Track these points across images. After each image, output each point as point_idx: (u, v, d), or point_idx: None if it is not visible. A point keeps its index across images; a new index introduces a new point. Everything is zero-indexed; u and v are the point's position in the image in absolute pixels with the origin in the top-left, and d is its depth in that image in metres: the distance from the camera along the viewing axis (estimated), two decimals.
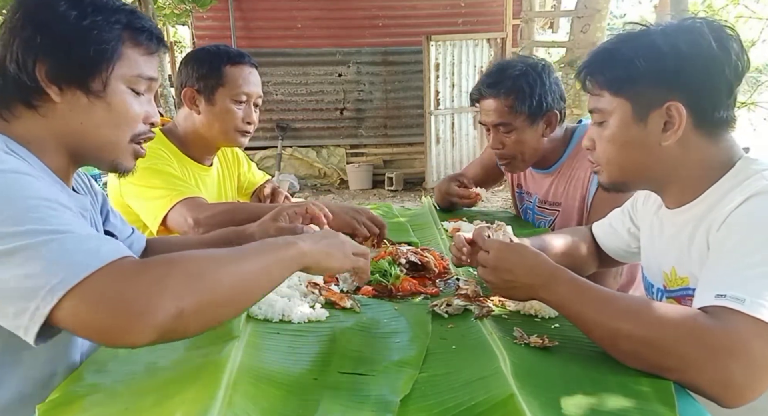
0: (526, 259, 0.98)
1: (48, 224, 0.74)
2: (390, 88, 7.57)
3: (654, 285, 1.15)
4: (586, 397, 0.77)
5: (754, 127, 6.39)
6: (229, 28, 7.07)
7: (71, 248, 0.73)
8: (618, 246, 1.33)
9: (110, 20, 0.91)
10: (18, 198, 0.75)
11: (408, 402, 0.76)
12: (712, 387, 0.77)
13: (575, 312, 0.90)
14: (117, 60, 0.93)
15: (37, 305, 0.70)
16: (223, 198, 1.86)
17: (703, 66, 0.94)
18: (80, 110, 0.92)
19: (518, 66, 1.65)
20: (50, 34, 0.88)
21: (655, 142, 0.99)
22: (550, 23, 8.93)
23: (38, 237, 0.72)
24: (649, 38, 0.97)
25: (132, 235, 1.24)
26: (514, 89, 1.62)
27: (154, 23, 1.00)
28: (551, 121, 1.67)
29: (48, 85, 0.89)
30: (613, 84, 1.01)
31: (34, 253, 0.71)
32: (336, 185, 7.74)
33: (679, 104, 0.95)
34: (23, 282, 0.71)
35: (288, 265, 0.89)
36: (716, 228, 0.92)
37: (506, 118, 1.64)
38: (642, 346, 0.82)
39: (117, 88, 0.94)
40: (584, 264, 1.37)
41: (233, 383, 0.76)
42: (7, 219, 0.73)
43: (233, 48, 1.70)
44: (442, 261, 1.35)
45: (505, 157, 1.72)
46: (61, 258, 0.72)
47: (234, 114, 1.64)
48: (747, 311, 0.78)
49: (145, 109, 0.99)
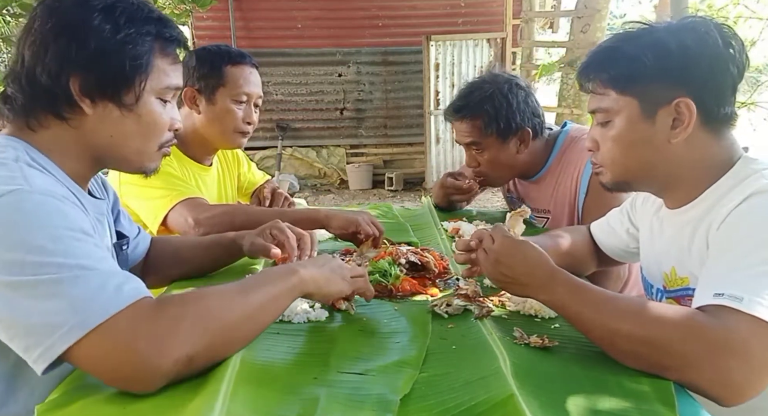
0: (528, 260, 0.97)
1: (74, 257, 0.74)
2: (390, 88, 7.57)
3: (653, 285, 1.15)
4: (586, 397, 0.77)
5: (753, 127, 6.38)
6: (229, 28, 7.06)
7: (95, 287, 0.74)
8: (616, 245, 1.33)
9: (142, 32, 0.91)
10: (45, 225, 0.75)
11: (408, 402, 0.76)
12: (712, 386, 0.77)
13: (574, 313, 0.90)
14: (150, 73, 0.93)
15: (53, 342, 0.71)
16: (223, 198, 1.86)
17: (709, 62, 0.94)
18: (111, 122, 0.92)
19: (485, 87, 1.66)
20: (85, 47, 0.87)
21: (663, 140, 0.98)
22: (550, 23, 8.92)
23: (63, 273, 0.73)
24: (655, 36, 0.97)
25: (139, 235, 1.24)
26: (479, 113, 1.64)
27: (180, 31, 1.00)
28: (524, 138, 1.67)
29: (81, 99, 0.89)
30: (619, 82, 1.00)
31: (58, 289, 0.72)
32: (336, 185, 7.74)
33: (689, 100, 0.94)
34: (43, 317, 0.71)
35: (291, 294, 0.93)
36: (716, 228, 0.92)
37: (476, 138, 1.68)
38: (641, 346, 0.82)
39: (149, 100, 0.94)
40: (584, 263, 1.37)
41: (233, 383, 0.76)
42: (35, 248, 0.73)
43: (234, 48, 1.71)
44: (442, 261, 1.35)
45: (481, 174, 1.76)
46: (84, 298, 0.72)
47: (234, 114, 1.64)
48: (745, 309, 0.78)
49: (170, 116, 1.00)
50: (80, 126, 0.91)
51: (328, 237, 1.62)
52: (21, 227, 0.74)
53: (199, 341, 0.76)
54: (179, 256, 1.30)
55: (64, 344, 0.71)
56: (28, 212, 0.75)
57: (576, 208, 1.65)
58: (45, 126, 0.91)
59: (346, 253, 1.46)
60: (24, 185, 0.78)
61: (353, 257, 1.38)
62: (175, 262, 1.29)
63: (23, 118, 0.90)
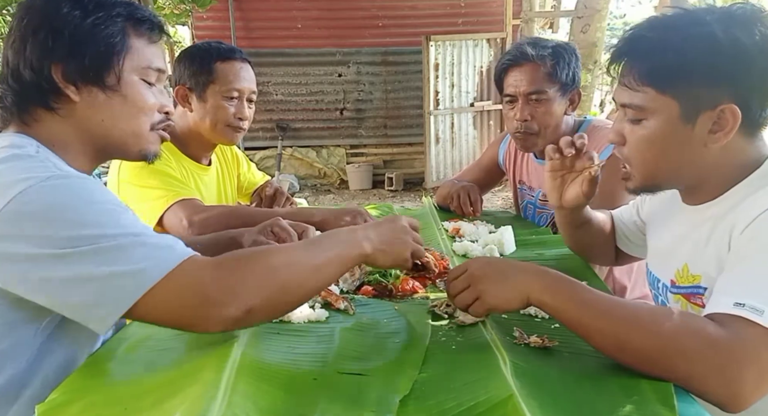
0: (493, 262, 0.97)
1: (124, 227, 0.80)
2: (390, 88, 7.57)
3: (660, 280, 1.12)
4: (586, 397, 0.77)
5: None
6: (229, 28, 7.06)
7: (152, 246, 0.80)
8: (629, 237, 1.31)
9: (111, 14, 0.94)
10: (92, 201, 0.81)
11: (407, 402, 0.76)
12: (721, 396, 0.76)
13: (577, 319, 0.86)
14: (126, 52, 0.96)
15: (123, 296, 0.76)
16: (222, 198, 1.86)
17: (760, 63, 0.86)
18: (99, 106, 0.95)
19: (552, 40, 1.73)
20: (60, 36, 0.90)
21: (699, 144, 0.92)
22: (550, 23, 8.93)
23: (120, 240, 0.78)
24: (707, 28, 0.87)
25: None
26: (555, 55, 1.66)
27: (153, 12, 1.03)
28: (574, 99, 1.71)
29: (66, 86, 0.92)
30: (661, 80, 0.91)
31: (119, 253, 0.77)
32: (336, 185, 7.74)
33: (735, 106, 0.87)
34: (109, 276, 0.76)
35: (355, 262, 0.95)
36: (740, 231, 0.87)
37: (542, 85, 1.66)
38: (652, 357, 0.79)
39: (130, 79, 0.97)
40: (608, 250, 1.36)
41: (233, 383, 0.76)
42: (89, 223, 0.78)
43: (224, 44, 1.69)
44: (442, 261, 1.35)
45: (530, 130, 1.71)
46: (146, 255, 0.78)
47: (225, 110, 1.64)
48: (764, 323, 0.76)
49: (158, 99, 1.02)
50: (71, 115, 0.94)
51: None
52: (70, 207, 0.79)
53: (259, 295, 0.81)
54: None
55: (135, 296, 0.76)
56: (73, 193, 0.80)
57: None
58: (38, 120, 0.93)
59: None
60: (58, 171, 0.83)
61: None
62: None
63: (17, 116, 0.93)
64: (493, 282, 0.92)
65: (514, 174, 2.00)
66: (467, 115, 7.15)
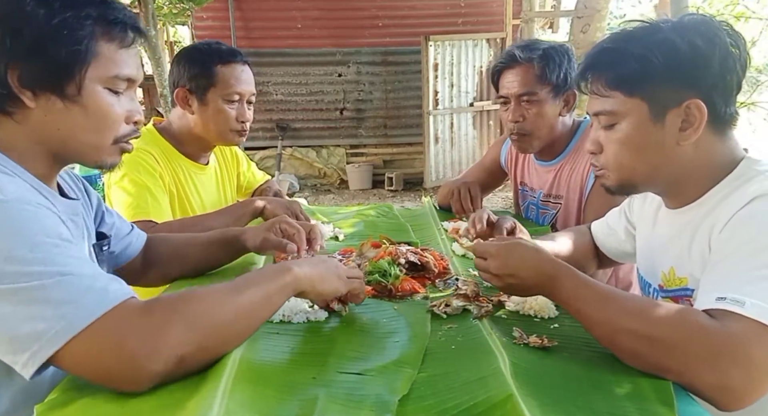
0: (526, 261, 0.97)
1: (54, 264, 0.73)
2: (390, 88, 7.57)
3: (651, 284, 1.14)
4: (585, 397, 0.77)
5: (753, 127, 6.38)
6: (229, 28, 7.06)
7: (78, 290, 0.73)
8: (615, 246, 1.33)
9: (80, 15, 0.85)
10: (23, 234, 0.73)
11: (406, 402, 0.76)
12: (711, 390, 0.77)
13: (577, 308, 0.90)
14: (92, 60, 0.87)
15: (40, 346, 0.70)
16: (221, 196, 1.86)
17: (720, 62, 0.92)
18: (56, 115, 0.87)
19: (546, 42, 1.73)
20: (20, 36, 0.82)
21: (671, 143, 0.96)
22: (550, 23, 8.93)
23: (44, 279, 0.71)
24: (662, 35, 0.94)
25: (131, 232, 1.23)
26: (545, 57, 1.66)
27: (129, 12, 0.93)
28: (569, 100, 1.71)
29: (21, 91, 0.84)
30: (627, 83, 0.96)
31: (40, 294, 0.71)
32: (336, 185, 7.74)
33: (700, 102, 0.92)
34: (28, 322, 0.70)
35: (284, 292, 0.91)
36: (719, 230, 0.91)
37: (532, 86, 1.66)
38: (643, 345, 0.82)
39: (93, 90, 0.88)
40: (586, 264, 1.38)
41: (232, 383, 0.76)
42: (14, 257, 0.71)
43: (224, 45, 1.68)
44: (441, 261, 1.35)
45: (523, 131, 1.72)
46: (68, 300, 0.71)
47: (227, 114, 1.64)
48: (747, 314, 0.77)
49: (126, 108, 0.93)
50: (26, 121, 0.86)
51: (329, 236, 1.62)
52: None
53: (191, 341, 0.76)
54: (179, 254, 1.29)
55: (52, 348, 0.70)
56: (4, 222, 0.73)
57: (583, 196, 1.67)
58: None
59: (344, 253, 1.46)
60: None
61: (352, 257, 1.37)
62: (174, 260, 1.29)
63: None
64: (520, 286, 0.99)
65: (515, 175, 2.00)
66: (467, 115, 7.15)
